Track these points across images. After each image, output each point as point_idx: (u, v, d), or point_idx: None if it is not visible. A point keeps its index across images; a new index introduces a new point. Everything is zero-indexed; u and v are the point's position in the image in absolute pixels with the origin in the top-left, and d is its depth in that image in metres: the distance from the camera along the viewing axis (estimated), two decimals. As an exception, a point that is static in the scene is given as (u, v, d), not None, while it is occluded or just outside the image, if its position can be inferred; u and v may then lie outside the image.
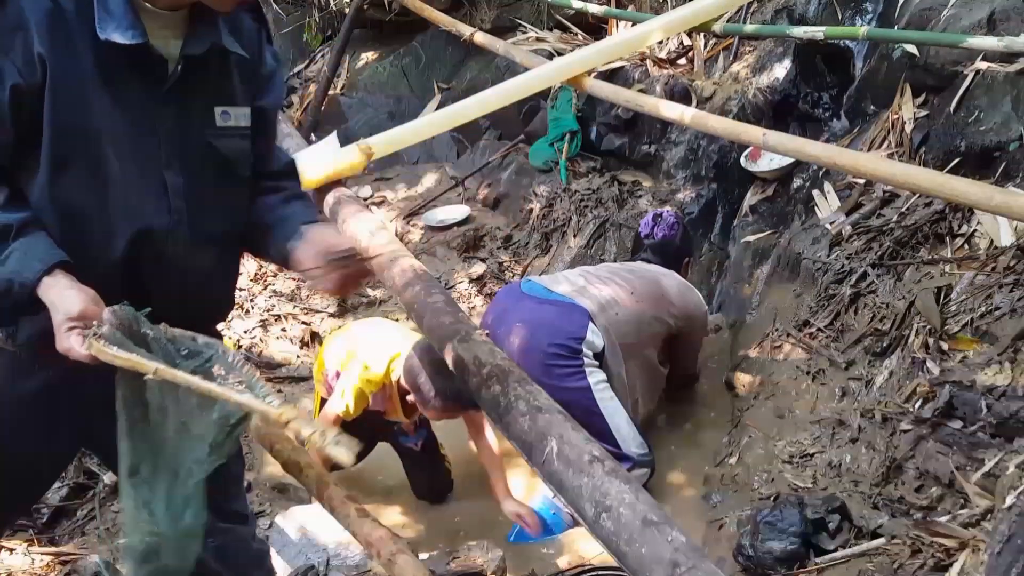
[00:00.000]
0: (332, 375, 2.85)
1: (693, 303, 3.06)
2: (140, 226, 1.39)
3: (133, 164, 1.38)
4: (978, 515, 2.06)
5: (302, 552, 2.61)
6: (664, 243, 3.29)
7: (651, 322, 2.88)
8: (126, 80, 1.34)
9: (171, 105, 1.39)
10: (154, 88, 1.37)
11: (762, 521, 2.29)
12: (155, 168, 1.40)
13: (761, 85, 4.19)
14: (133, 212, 1.39)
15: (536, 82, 3.34)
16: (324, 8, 6.28)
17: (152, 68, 1.36)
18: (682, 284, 3.09)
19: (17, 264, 1.31)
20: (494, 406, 1.68)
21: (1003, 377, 2.24)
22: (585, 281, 2.88)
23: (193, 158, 1.43)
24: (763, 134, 2.78)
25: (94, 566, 2.49)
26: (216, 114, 1.45)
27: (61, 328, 1.30)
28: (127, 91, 1.35)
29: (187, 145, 1.42)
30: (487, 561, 2.49)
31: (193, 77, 1.40)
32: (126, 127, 1.35)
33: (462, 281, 4.32)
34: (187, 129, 1.42)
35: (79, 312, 1.30)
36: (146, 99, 1.37)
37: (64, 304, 1.31)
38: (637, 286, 2.89)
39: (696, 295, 3.13)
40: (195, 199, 1.45)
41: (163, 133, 1.40)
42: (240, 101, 1.48)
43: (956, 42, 2.90)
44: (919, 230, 2.95)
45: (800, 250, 3.34)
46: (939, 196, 2.53)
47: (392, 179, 5.45)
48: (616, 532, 1.27)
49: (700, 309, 3.10)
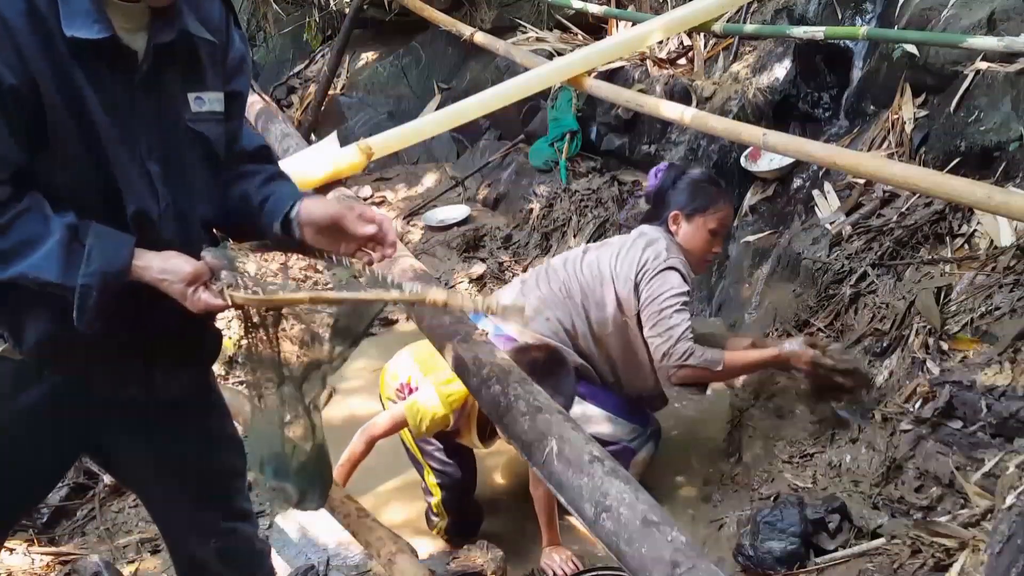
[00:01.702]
0: (403, 387, 2.61)
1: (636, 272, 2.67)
2: (138, 206, 1.39)
3: (122, 155, 1.38)
4: (978, 515, 2.06)
5: (302, 552, 2.61)
6: (656, 195, 2.89)
7: (603, 310, 2.70)
8: (101, 74, 1.34)
9: (146, 95, 1.39)
10: (128, 80, 1.37)
11: (762, 521, 2.29)
12: (138, 158, 1.40)
13: (761, 85, 4.19)
14: (130, 192, 1.39)
15: (536, 82, 3.34)
16: (324, 8, 6.28)
17: (124, 61, 1.36)
18: (629, 256, 2.69)
19: (102, 259, 1.31)
20: (494, 406, 1.68)
21: (1003, 377, 2.24)
22: (538, 301, 2.72)
23: (173, 146, 1.44)
24: (763, 134, 2.79)
25: (94, 566, 2.49)
26: (190, 100, 1.45)
27: (186, 294, 1.34)
28: (104, 85, 1.34)
29: (166, 134, 1.43)
30: (487, 561, 2.49)
31: (164, 66, 1.40)
32: (107, 120, 1.35)
33: (462, 281, 4.32)
34: (164, 118, 1.42)
35: (192, 272, 1.35)
36: (122, 92, 1.37)
37: (174, 271, 1.35)
38: (583, 283, 2.72)
39: (649, 256, 2.67)
40: (178, 187, 1.45)
41: (141, 124, 1.39)
42: (211, 86, 1.48)
43: (956, 42, 2.90)
44: (919, 230, 2.95)
45: (800, 250, 3.33)
46: (939, 196, 2.53)
47: (392, 179, 5.46)
48: (616, 532, 1.27)
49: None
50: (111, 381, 1.52)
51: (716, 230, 2.75)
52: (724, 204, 2.79)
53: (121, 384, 1.52)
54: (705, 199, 2.75)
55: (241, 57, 1.55)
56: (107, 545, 2.75)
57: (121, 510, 2.92)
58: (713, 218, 2.74)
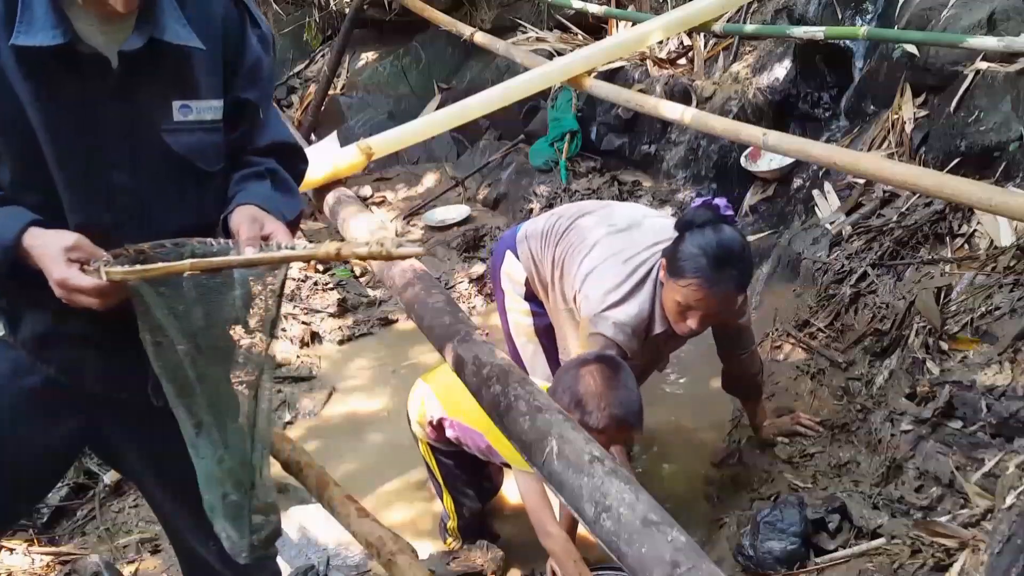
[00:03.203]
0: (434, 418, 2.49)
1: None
2: (79, 220, 1.37)
3: (75, 163, 1.36)
4: (978, 515, 2.06)
5: (302, 552, 2.61)
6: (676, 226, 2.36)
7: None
8: (62, 81, 1.32)
9: (116, 103, 1.36)
10: (97, 87, 1.34)
11: (762, 521, 2.29)
12: (99, 167, 1.37)
13: (761, 85, 4.19)
14: (74, 203, 1.37)
15: (536, 82, 3.34)
16: (324, 8, 6.29)
17: (90, 67, 1.33)
18: (593, 278, 2.35)
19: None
20: (494, 406, 1.68)
21: (1003, 377, 2.24)
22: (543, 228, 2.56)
23: (145, 155, 1.40)
24: (763, 134, 2.79)
25: (94, 566, 2.49)
26: (174, 108, 1.40)
27: (57, 260, 1.26)
28: (66, 91, 1.32)
29: (138, 142, 1.39)
30: (487, 561, 2.50)
31: (140, 73, 1.36)
32: (66, 127, 1.33)
33: (462, 281, 4.32)
34: (136, 126, 1.38)
35: (74, 242, 1.28)
36: (87, 98, 1.34)
37: (55, 240, 1.27)
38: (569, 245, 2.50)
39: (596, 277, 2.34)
40: (148, 195, 1.41)
41: (107, 132, 1.36)
42: (205, 94, 1.42)
43: (956, 42, 2.90)
44: (919, 230, 2.95)
45: (800, 250, 3.34)
46: (939, 196, 2.53)
47: (392, 179, 5.46)
48: (616, 532, 1.27)
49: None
50: (103, 381, 1.52)
51: (689, 306, 2.19)
52: (705, 286, 2.14)
53: (114, 384, 1.53)
54: (683, 266, 2.17)
55: (255, 63, 1.49)
56: (107, 545, 2.75)
57: (121, 510, 2.92)
58: (686, 291, 2.17)
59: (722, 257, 2.14)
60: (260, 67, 1.50)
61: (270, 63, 1.54)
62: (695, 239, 2.17)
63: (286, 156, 1.59)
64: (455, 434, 2.42)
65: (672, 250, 2.22)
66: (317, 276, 4.38)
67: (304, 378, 3.72)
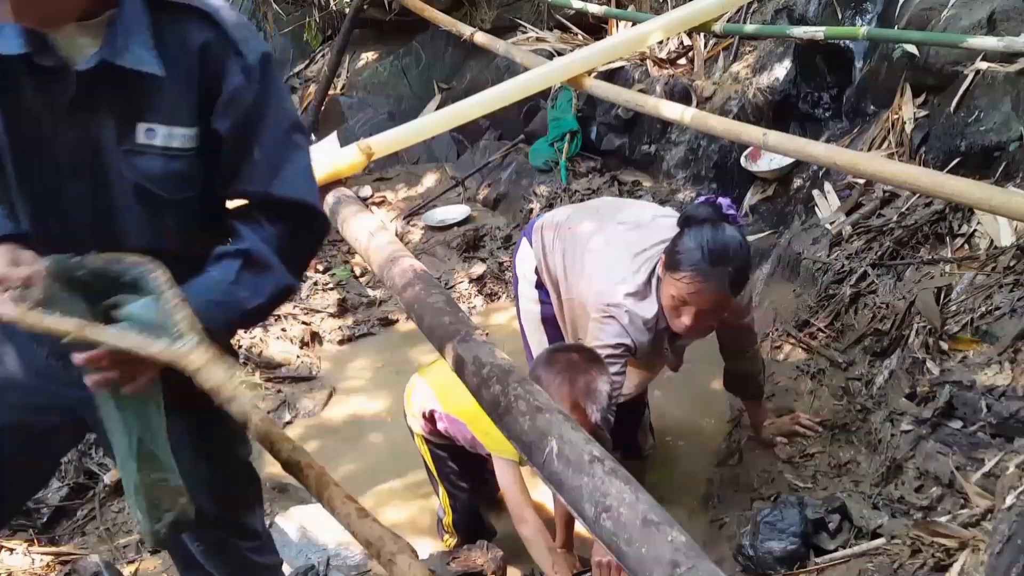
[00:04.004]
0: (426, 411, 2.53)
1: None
2: (35, 229, 1.38)
3: (32, 172, 1.36)
4: (978, 515, 2.06)
5: (302, 552, 2.61)
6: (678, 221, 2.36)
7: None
8: (23, 89, 1.31)
9: (76, 116, 1.34)
10: (56, 100, 1.33)
11: (762, 521, 2.29)
12: (55, 178, 1.37)
13: (761, 85, 4.19)
14: (29, 217, 1.39)
15: (536, 82, 3.34)
16: (324, 8, 6.28)
17: (52, 79, 1.31)
18: (602, 271, 2.37)
19: None
20: (494, 406, 1.68)
21: (1003, 377, 2.24)
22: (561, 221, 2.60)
23: (106, 171, 1.38)
24: (763, 134, 2.78)
25: (94, 566, 2.49)
26: (139, 130, 1.36)
27: None
28: (26, 101, 1.32)
29: (95, 159, 1.37)
30: (487, 561, 2.49)
31: (101, 91, 1.33)
32: (25, 135, 1.33)
33: (462, 281, 4.33)
34: (97, 142, 1.36)
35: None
36: (47, 109, 1.33)
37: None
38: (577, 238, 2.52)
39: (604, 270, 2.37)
40: (103, 212, 1.40)
41: (65, 144, 1.35)
42: (175, 120, 1.37)
43: (956, 42, 2.90)
44: (919, 230, 2.96)
45: (800, 250, 3.34)
46: (939, 196, 2.52)
47: (392, 179, 5.46)
48: (616, 532, 1.27)
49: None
50: None
51: (683, 300, 2.18)
52: (698, 279, 2.13)
53: None
54: (679, 260, 2.16)
55: (233, 94, 1.37)
56: (107, 545, 2.75)
57: (121, 510, 2.91)
58: (680, 284, 2.16)
59: (718, 253, 2.13)
60: (239, 98, 1.37)
61: (258, 94, 1.39)
62: (693, 234, 2.17)
63: (292, 218, 1.49)
64: (445, 426, 2.47)
65: (671, 245, 2.23)
66: (317, 276, 4.38)
67: (304, 378, 3.72)
